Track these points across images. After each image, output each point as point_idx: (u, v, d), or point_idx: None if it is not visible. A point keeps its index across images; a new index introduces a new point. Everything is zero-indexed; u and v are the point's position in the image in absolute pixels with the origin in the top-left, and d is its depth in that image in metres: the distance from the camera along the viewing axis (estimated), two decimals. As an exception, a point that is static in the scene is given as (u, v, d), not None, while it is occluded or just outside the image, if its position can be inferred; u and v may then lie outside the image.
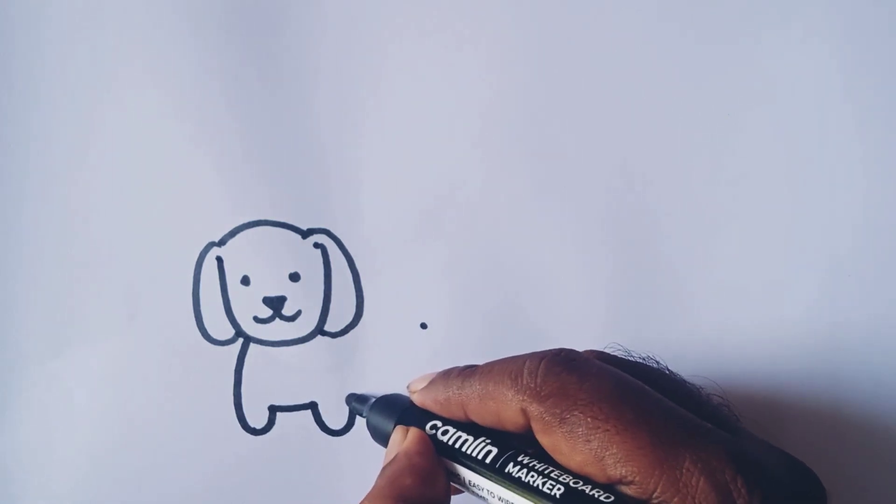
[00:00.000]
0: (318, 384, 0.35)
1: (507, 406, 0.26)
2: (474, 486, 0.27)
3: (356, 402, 0.35)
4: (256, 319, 0.35)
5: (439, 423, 0.29)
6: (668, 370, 0.29)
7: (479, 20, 0.35)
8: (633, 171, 0.35)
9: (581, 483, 0.24)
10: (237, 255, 0.35)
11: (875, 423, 0.34)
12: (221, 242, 0.35)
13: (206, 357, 0.35)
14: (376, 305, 0.36)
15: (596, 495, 0.24)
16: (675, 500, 0.23)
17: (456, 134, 0.35)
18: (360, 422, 0.35)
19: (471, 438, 0.28)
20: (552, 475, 0.25)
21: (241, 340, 0.35)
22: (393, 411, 0.32)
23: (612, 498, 0.24)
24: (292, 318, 0.35)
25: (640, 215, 0.35)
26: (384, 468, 0.28)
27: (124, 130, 0.35)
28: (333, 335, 0.36)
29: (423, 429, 0.30)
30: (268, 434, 0.35)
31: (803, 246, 0.35)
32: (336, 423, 0.35)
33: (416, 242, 0.35)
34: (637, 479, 0.23)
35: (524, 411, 0.26)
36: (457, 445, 0.28)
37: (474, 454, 0.28)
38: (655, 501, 0.23)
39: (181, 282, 0.35)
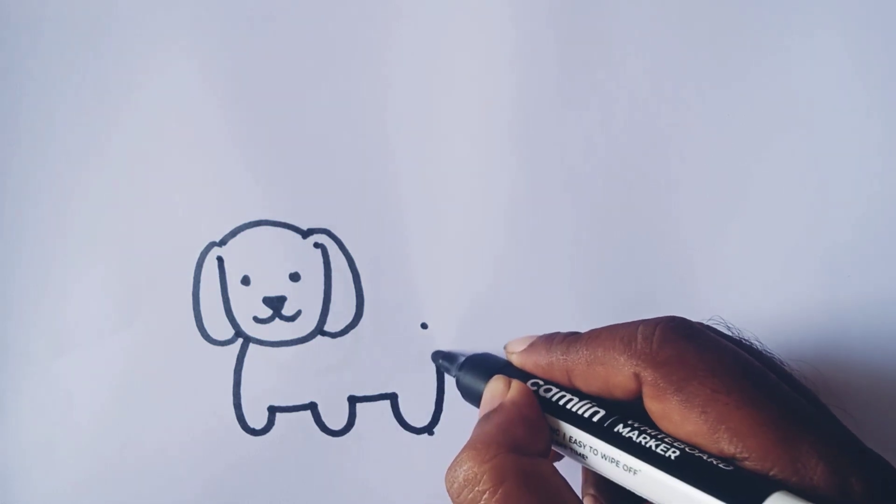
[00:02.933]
0: (318, 384, 0.35)
1: (618, 371, 0.25)
2: (576, 442, 0.27)
3: (444, 360, 0.34)
4: (256, 319, 0.35)
5: (540, 382, 0.29)
6: (768, 351, 0.29)
7: (480, 20, 0.35)
8: (635, 171, 0.35)
9: (697, 450, 0.23)
10: (237, 255, 0.35)
11: (875, 416, 0.34)
12: (222, 242, 0.35)
13: (206, 357, 0.35)
14: (376, 305, 0.36)
15: (714, 462, 0.23)
16: (794, 479, 0.22)
17: (456, 134, 0.35)
18: (360, 422, 0.35)
19: (576, 399, 0.27)
20: (665, 439, 0.24)
21: (240, 340, 0.35)
22: (488, 370, 0.31)
23: (731, 467, 0.23)
24: (292, 318, 0.35)
25: (640, 215, 0.35)
26: (488, 416, 0.27)
27: (124, 130, 0.35)
28: (333, 335, 0.36)
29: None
30: (267, 435, 0.35)
31: (803, 245, 0.34)
32: (336, 423, 0.35)
33: (417, 242, 0.35)
34: (752, 455, 0.22)
35: (637, 376, 0.25)
36: (561, 402, 0.28)
37: (580, 412, 0.27)
38: (774, 476, 0.22)
39: (181, 282, 0.35)
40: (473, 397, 0.31)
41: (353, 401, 0.36)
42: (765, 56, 0.34)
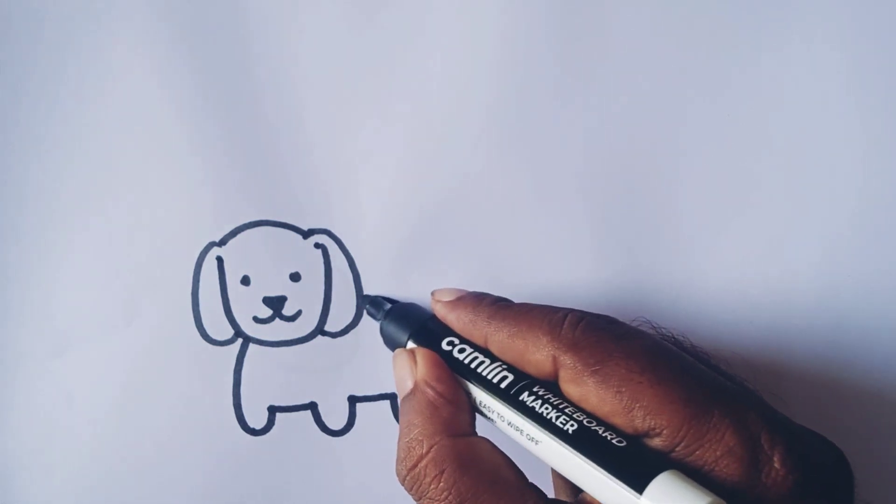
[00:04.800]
0: (318, 384, 0.35)
1: (537, 350, 0.27)
2: (485, 406, 0.28)
3: (370, 306, 0.34)
4: (256, 319, 0.35)
5: (456, 341, 0.29)
6: (693, 346, 0.30)
7: (481, 19, 0.35)
8: (634, 171, 0.35)
9: (595, 423, 0.25)
10: (237, 255, 0.35)
11: (876, 401, 0.34)
12: (222, 242, 0.35)
13: (206, 357, 0.35)
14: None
15: (608, 437, 0.24)
16: (699, 451, 0.23)
17: (456, 133, 0.35)
18: (360, 422, 0.35)
19: (487, 361, 0.28)
20: (566, 410, 0.25)
21: (240, 341, 0.35)
22: (409, 322, 0.31)
23: (625, 442, 0.24)
24: (292, 318, 0.35)
25: (640, 216, 0.35)
26: (407, 401, 0.28)
27: (124, 130, 0.35)
28: (333, 335, 0.35)
29: (440, 344, 0.30)
30: (267, 434, 0.35)
31: (803, 243, 0.35)
32: (336, 423, 0.35)
33: (416, 242, 0.35)
34: (665, 431, 0.24)
35: (555, 360, 0.26)
36: (472, 365, 0.28)
37: (489, 377, 0.28)
38: (678, 452, 0.23)
39: (181, 282, 0.35)
40: (394, 347, 0.32)
41: (353, 401, 0.36)
42: (764, 54, 0.34)
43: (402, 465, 0.27)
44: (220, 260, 0.35)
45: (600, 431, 0.24)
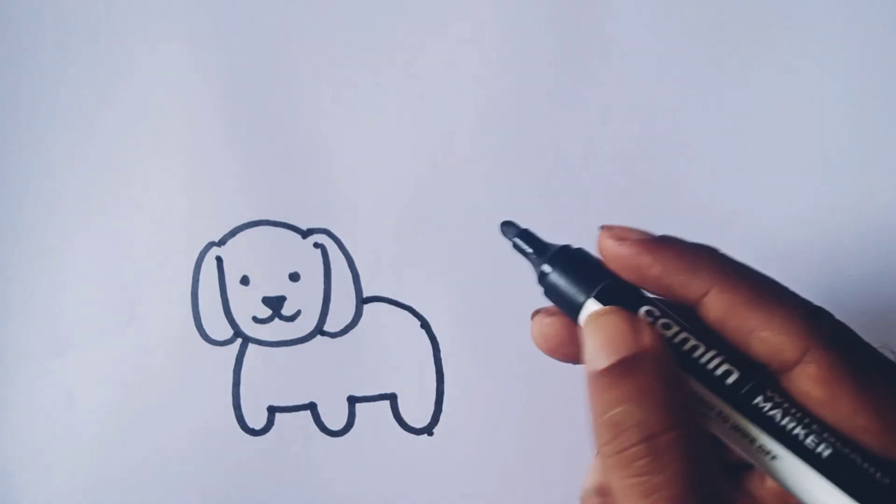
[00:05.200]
0: (318, 384, 0.35)
1: (783, 332, 0.21)
2: (701, 401, 0.22)
3: (522, 240, 0.25)
4: (255, 319, 0.35)
5: (656, 311, 0.22)
6: None
7: (478, 18, 0.35)
8: (634, 172, 0.35)
9: (850, 450, 0.20)
10: (237, 255, 0.35)
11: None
12: (221, 242, 0.35)
13: (205, 357, 0.35)
14: (376, 305, 0.35)
15: (871, 471, 0.20)
16: None
17: (456, 133, 0.35)
18: (360, 422, 0.35)
19: (702, 346, 0.22)
20: (814, 427, 0.21)
21: (239, 341, 0.35)
22: (587, 278, 0.23)
23: (888, 480, 0.20)
24: (292, 318, 0.35)
25: (640, 215, 0.35)
26: (628, 371, 0.21)
27: (124, 130, 0.35)
28: (333, 335, 0.35)
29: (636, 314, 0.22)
30: (267, 435, 0.35)
31: (804, 244, 0.34)
32: (335, 423, 0.35)
33: (416, 243, 0.35)
34: None
35: (806, 351, 0.21)
36: (686, 348, 0.22)
37: (711, 368, 0.22)
38: None
39: (180, 282, 0.35)
40: (564, 304, 0.23)
41: (352, 401, 0.35)
42: (765, 55, 0.34)
43: (636, 462, 0.20)
44: (219, 260, 0.35)
45: (859, 461, 0.20)
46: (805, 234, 0.34)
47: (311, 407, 0.35)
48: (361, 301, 0.35)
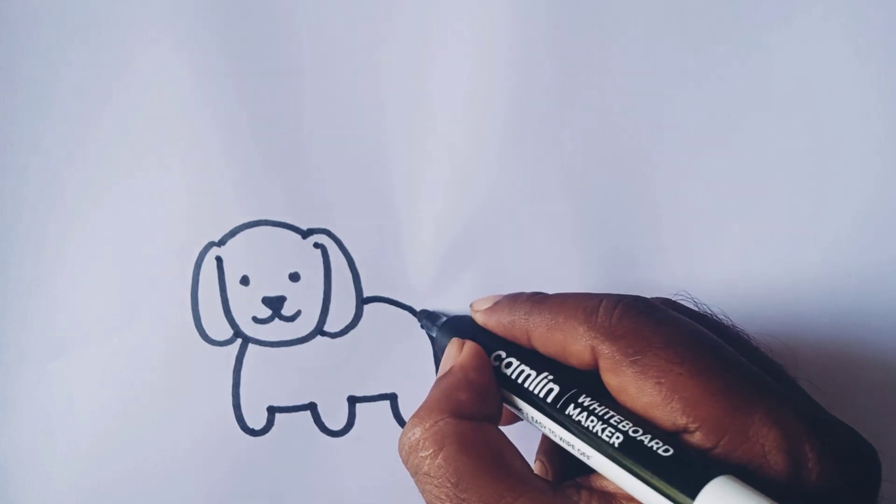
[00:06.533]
0: (318, 385, 0.35)
1: (575, 341, 0.26)
2: (537, 423, 0.27)
3: (427, 320, 0.35)
4: (255, 320, 0.35)
5: (503, 355, 0.29)
6: (734, 326, 0.29)
7: (481, 20, 0.35)
8: (634, 170, 0.35)
9: (641, 432, 0.23)
10: (237, 255, 0.35)
11: (877, 401, 0.34)
12: (221, 242, 0.35)
13: (205, 357, 0.35)
14: (376, 305, 0.35)
15: (655, 447, 0.23)
16: (740, 451, 0.22)
17: (456, 134, 0.35)
18: (360, 422, 0.35)
19: (533, 374, 0.27)
20: (612, 421, 0.24)
21: (239, 341, 0.35)
22: (463, 332, 0.31)
23: (672, 451, 0.22)
24: (292, 319, 0.35)
25: (639, 214, 0.35)
26: (438, 380, 0.28)
27: (124, 130, 0.35)
28: (333, 335, 0.35)
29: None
30: (267, 435, 0.35)
31: (803, 241, 0.34)
32: (335, 423, 0.35)
33: (416, 242, 0.35)
34: (704, 426, 0.22)
35: (593, 349, 0.25)
36: (519, 380, 0.27)
37: (536, 391, 0.27)
38: (718, 451, 0.22)
39: (180, 282, 0.35)
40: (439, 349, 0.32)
41: (352, 401, 0.35)
42: (764, 55, 0.34)
43: (405, 437, 0.26)
44: (219, 260, 0.35)
45: (646, 441, 0.23)
46: (804, 231, 0.34)
47: (311, 407, 0.35)
48: (361, 301, 0.35)
